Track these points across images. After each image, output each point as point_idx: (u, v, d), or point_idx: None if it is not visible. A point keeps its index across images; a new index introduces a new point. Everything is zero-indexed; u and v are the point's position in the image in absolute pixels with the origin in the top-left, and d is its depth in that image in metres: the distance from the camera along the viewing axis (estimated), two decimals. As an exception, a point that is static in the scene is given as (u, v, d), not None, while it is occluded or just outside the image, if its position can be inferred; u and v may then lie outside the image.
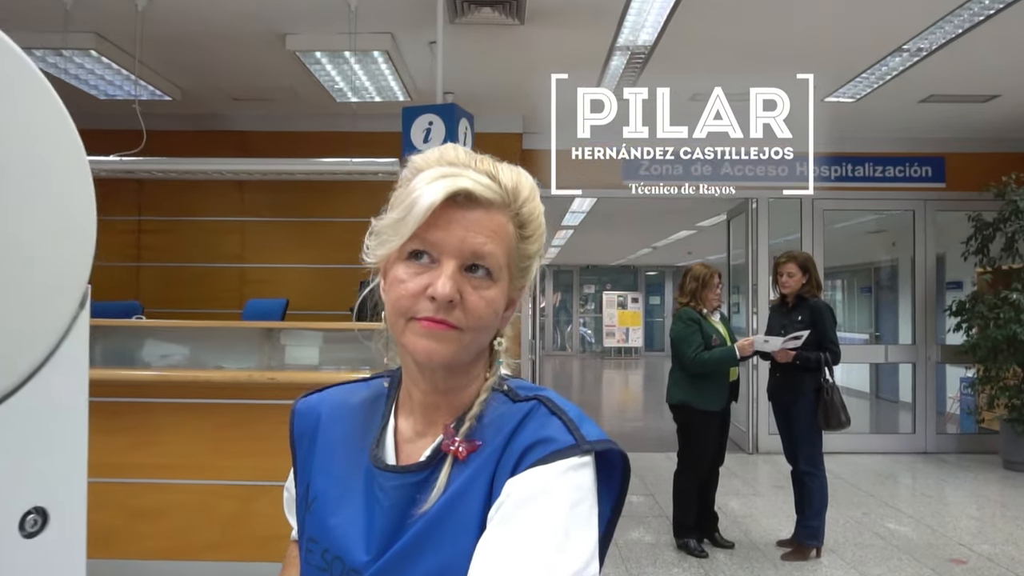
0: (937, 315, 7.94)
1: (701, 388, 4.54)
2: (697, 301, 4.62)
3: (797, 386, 4.54)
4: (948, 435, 7.98)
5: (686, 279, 4.70)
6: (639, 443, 8.44)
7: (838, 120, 7.22)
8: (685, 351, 4.52)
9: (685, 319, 4.56)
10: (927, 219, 7.90)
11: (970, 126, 7.42)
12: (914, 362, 7.89)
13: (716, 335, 4.57)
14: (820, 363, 4.47)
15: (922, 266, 7.93)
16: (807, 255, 4.67)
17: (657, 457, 7.37)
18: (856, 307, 13.96)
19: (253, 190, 7.27)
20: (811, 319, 4.54)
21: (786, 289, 4.66)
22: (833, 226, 11.40)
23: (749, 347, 4.45)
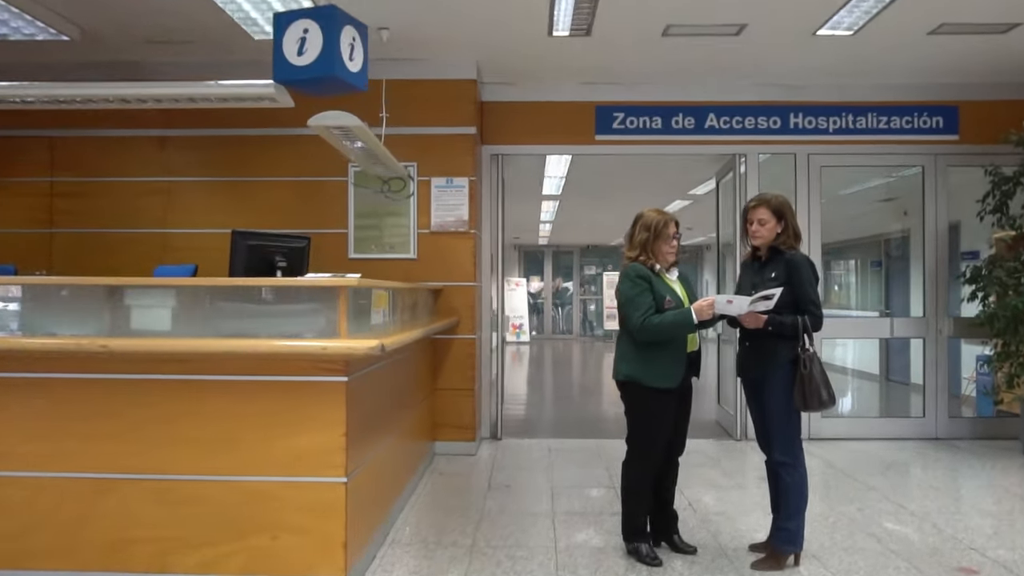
0: (950, 286, 7.06)
1: (652, 361, 3.72)
2: (648, 255, 3.80)
3: (769, 357, 3.72)
4: (962, 419, 7.12)
5: (635, 228, 3.87)
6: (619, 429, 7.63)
7: (835, 61, 6.34)
8: (631, 315, 3.70)
9: (632, 276, 3.74)
10: (938, 175, 7.00)
11: (987, 67, 6.51)
12: (924, 337, 7.01)
13: (671, 296, 3.74)
14: (797, 329, 3.64)
15: (932, 228, 7.03)
16: (782, 198, 3.83)
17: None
18: (868, 282, 13.04)
19: (177, 147, 6.49)
20: (787, 275, 3.71)
21: (757, 240, 3.82)
22: (838, 193, 10.55)
23: (708, 309, 3.62)
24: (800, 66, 6.53)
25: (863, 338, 9.63)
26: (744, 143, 6.99)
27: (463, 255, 6.35)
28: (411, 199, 6.36)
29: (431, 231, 6.36)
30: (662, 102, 7.00)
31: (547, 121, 7.02)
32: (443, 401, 6.36)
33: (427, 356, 6.08)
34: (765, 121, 6.99)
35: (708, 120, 6.99)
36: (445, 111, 6.37)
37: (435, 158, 6.37)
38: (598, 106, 7.02)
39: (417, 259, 6.36)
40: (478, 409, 6.85)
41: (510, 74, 6.83)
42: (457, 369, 6.36)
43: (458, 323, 6.32)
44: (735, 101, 6.98)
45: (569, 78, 6.93)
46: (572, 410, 9.43)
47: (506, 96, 7.02)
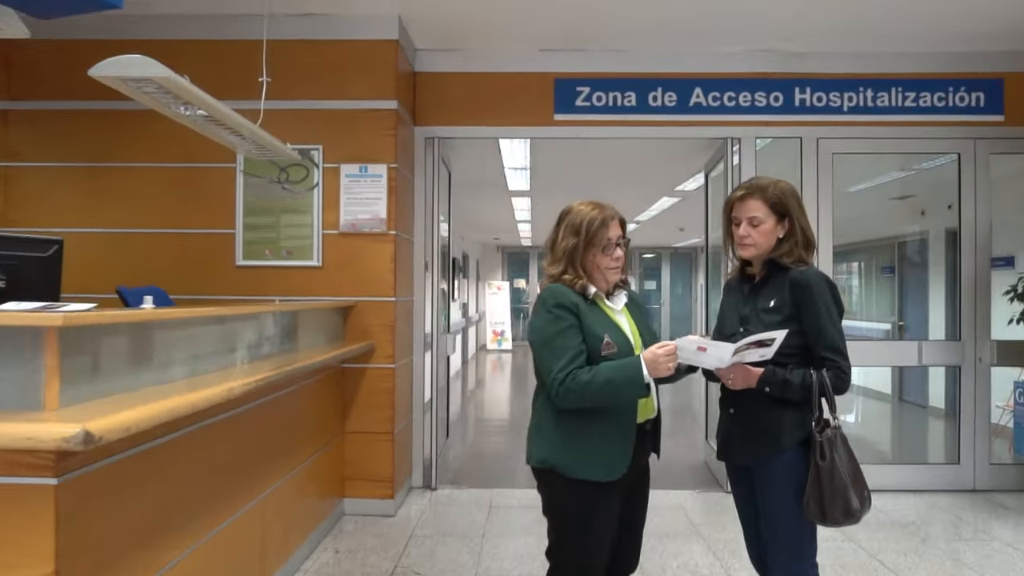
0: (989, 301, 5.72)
1: (583, 439, 2.37)
2: (577, 271, 2.44)
3: (766, 436, 2.38)
4: (1006, 466, 5.77)
5: (559, 230, 2.52)
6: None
7: (850, 21, 5.00)
8: (548, 367, 2.35)
9: (551, 306, 2.39)
10: (977, 165, 5.65)
11: None
12: (959, 365, 5.66)
13: (612, 335, 2.40)
14: (809, 391, 2.30)
15: (970, 231, 5.69)
16: (785, 185, 2.50)
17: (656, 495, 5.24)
18: (876, 291, 11.68)
19: (20, 122, 5.13)
20: (793, 305, 2.37)
21: (747, 249, 2.49)
22: (845, 190, 9.19)
23: (667, 359, 2.26)
24: (807, 28, 5.17)
25: (881, 366, 8.27)
26: (738, 124, 5.64)
27: (380, 262, 5.00)
28: (315, 191, 5.01)
29: (340, 232, 5.01)
30: (637, 73, 5.65)
31: (496, 97, 5.67)
32: (354, 448, 5.01)
33: (330, 391, 4.74)
34: (764, 98, 5.64)
35: (694, 96, 5.63)
36: (358, 80, 5.02)
37: (346, 139, 5.02)
38: (558, 78, 5.67)
39: (322, 267, 5.01)
40: (408, 454, 5.51)
41: (449, 38, 5.49)
42: (371, 407, 5.01)
43: (373, 349, 4.97)
44: (727, 73, 5.63)
45: (523, 43, 5.59)
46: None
47: (445, 66, 5.67)
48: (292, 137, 4.84)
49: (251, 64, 4.45)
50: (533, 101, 5.68)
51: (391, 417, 5.00)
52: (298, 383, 4.04)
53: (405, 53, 5.32)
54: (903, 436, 8.90)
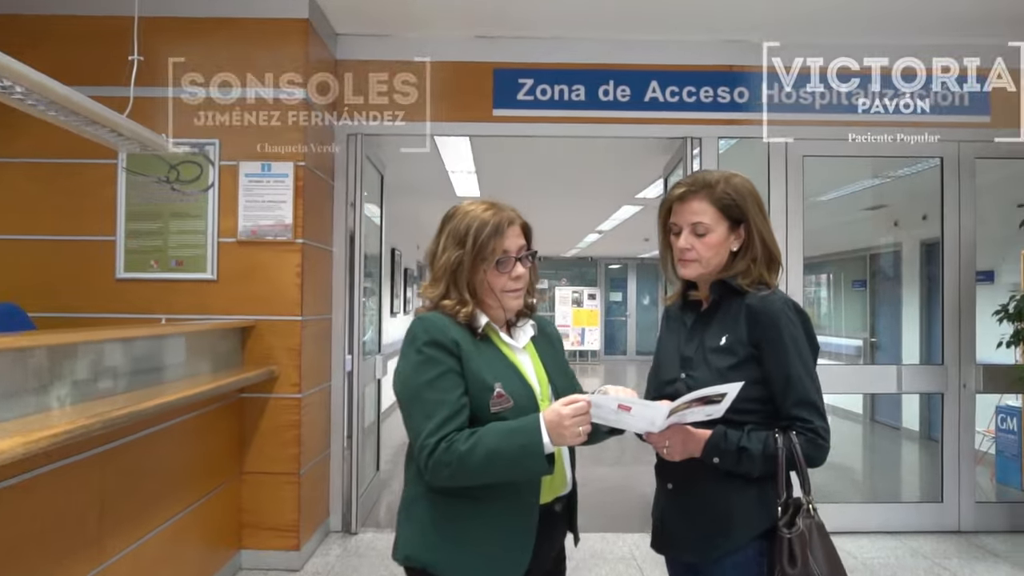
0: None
1: (463, 529, 1.72)
2: (462, 293, 1.79)
3: (717, 527, 1.74)
4: (994, 505, 5.21)
5: (441, 238, 1.86)
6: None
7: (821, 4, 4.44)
8: (416, 428, 1.69)
9: (421, 343, 1.73)
10: (961, 171, 5.11)
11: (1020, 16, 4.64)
12: (942, 392, 5.09)
13: (509, 383, 1.74)
14: (774, 464, 1.67)
15: (954, 243, 5.12)
16: (739, 183, 1.86)
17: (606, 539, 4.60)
18: (845, 306, 11.18)
19: None
20: (752, 343, 1.73)
21: (689, 266, 1.86)
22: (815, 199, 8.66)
23: (576, 421, 1.60)
24: (777, 13, 4.59)
25: (856, 393, 7.71)
26: (699, 122, 5.04)
27: (285, 276, 4.31)
28: (209, 192, 4.31)
29: (238, 240, 4.32)
30: (586, 64, 5.03)
31: (431, 89, 5.01)
32: (254, 491, 4.29)
33: (224, 426, 4.04)
34: (728, 93, 5.04)
35: (650, 90, 5.02)
36: (261, 65, 4.33)
37: (246, 134, 4.33)
38: (498, 69, 5.03)
39: (217, 280, 4.31)
40: (324, 495, 4.83)
41: (375, 22, 4.85)
42: (274, 443, 4.30)
43: (275, 376, 4.27)
44: (687, 65, 5.03)
45: (458, 28, 4.95)
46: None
47: (372, 53, 5.00)
48: (182, 131, 4.17)
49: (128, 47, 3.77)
50: (470, 94, 5.04)
51: (296, 455, 4.30)
52: (172, 419, 3.34)
53: (322, 37, 4.65)
54: (878, 466, 8.35)
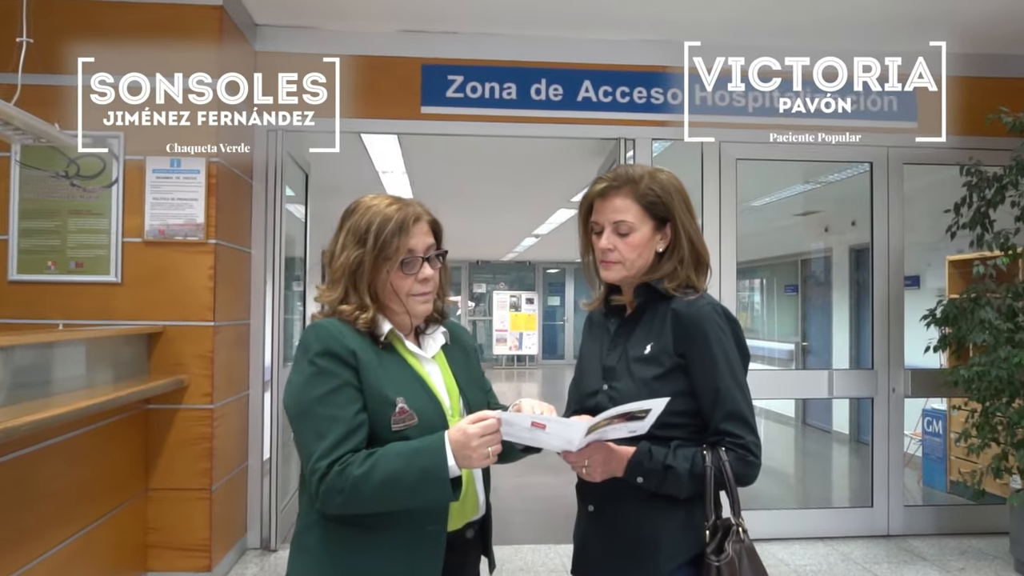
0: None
1: (359, 560, 1.53)
2: (362, 298, 1.61)
3: (641, 552, 1.60)
4: (922, 508, 5.23)
5: (340, 236, 1.67)
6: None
7: (751, 7, 4.38)
8: (307, 449, 1.50)
9: (314, 354, 1.54)
10: (890, 176, 5.13)
11: (946, 30, 4.65)
12: (872, 396, 5.09)
13: (412, 397, 1.57)
14: (700, 483, 1.53)
15: (883, 248, 5.14)
16: (666, 178, 1.74)
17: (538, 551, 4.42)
18: (778, 310, 11.31)
19: None
20: (678, 352, 1.60)
21: (611, 269, 1.72)
22: (748, 204, 8.71)
23: (484, 442, 1.44)
24: (695, 12, 4.52)
25: (788, 398, 7.74)
26: (633, 123, 4.94)
27: (196, 278, 4.04)
28: (113, 189, 4.02)
29: (145, 240, 4.03)
30: (518, 62, 4.89)
31: (355, 86, 4.79)
32: (160, 509, 4.01)
33: (127, 439, 3.75)
34: (661, 94, 4.95)
35: (583, 89, 4.90)
36: (170, 54, 4.04)
37: (154, 127, 4.04)
38: (426, 65, 4.85)
39: (122, 283, 4.01)
40: (241, 511, 4.56)
41: (297, 13, 4.62)
42: (183, 458, 4.02)
43: (185, 385, 4.00)
44: (621, 65, 4.93)
45: (384, 22, 4.76)
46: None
47: (294, 46, 4.76)
48: (84, 122, 3.86)
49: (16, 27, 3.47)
50: (397, 91, 4.84)
51: (208, 469, 4.04)
52: (65, 434, 3.06)
53: (239, 27, 4.41)
54: (809, 470, 8.42)
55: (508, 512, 5.74)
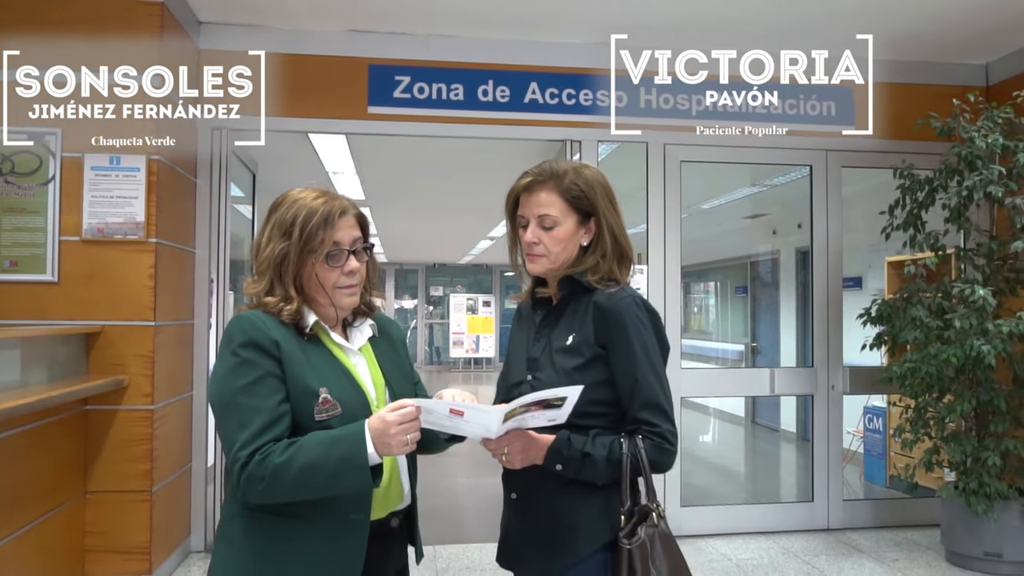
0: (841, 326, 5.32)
1: (281, 551, 1.54)
2: (287, 290, 1.62)
3: (561, 539, 1.64)
4: (860, 502, 5.36)
5: (266, 230, 1.68)
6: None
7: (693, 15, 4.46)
8: (229, 437, 1.51)
9: (237, 345, 1.55)
10: (829, 178, 5.27)
11: (883, 38, 4.79)
12: (812, 393, 5.22)
13: (336, 388, 1.59)
14: (617, 470, 1.57)
15: (822, 249, 5.28)
16: (588, 174, 1.79)
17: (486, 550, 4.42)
18: (730, 312, 11.50)
19: None
20: (598, 343, 1.64)
21: (537, 262, 1.76)
22: (698, 207, 8.86)
23: (402, 429, 1.46)
24: (639, 14, 4.59)
25: (731, 396, 7.89)
26: (578, 125, 5.01)
27: (135, 277, 3.99)
28: (50, 186, 3.95)
29: (83, 239, 3.97)
30: (465, 63, 4.92)
31: (301, 84, 4.79)
32: (99, 512, 3.94)
33: (62, 441, 3.68)
34: (607, 97, 5.01)
35: (530, 91, 4.95)
36: (110, 50, 3.99)
37: (93, 123, 3.96)
38: (373, 65, 4.85)
39: (59, 282, 3.94)
40: (184, 513, 4.51)
41: (242, 11, 4.59)
42: (122, 459, 3.96)
43: (125, 385, 3.94)
44: (567, 67, 4.99)
45: (331, 22, 4.75)
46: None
47: (239, 44, 4.70)
48: (17, 119, 3.80)
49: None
50: (344, 90, 4.84)
51: (148, 471, 3.98)
52: None
53: (181, 24, 4.36)
54: (755, 467, 8.58)
55: (461, 511, 5.76)
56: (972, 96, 4.60)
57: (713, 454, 9.06)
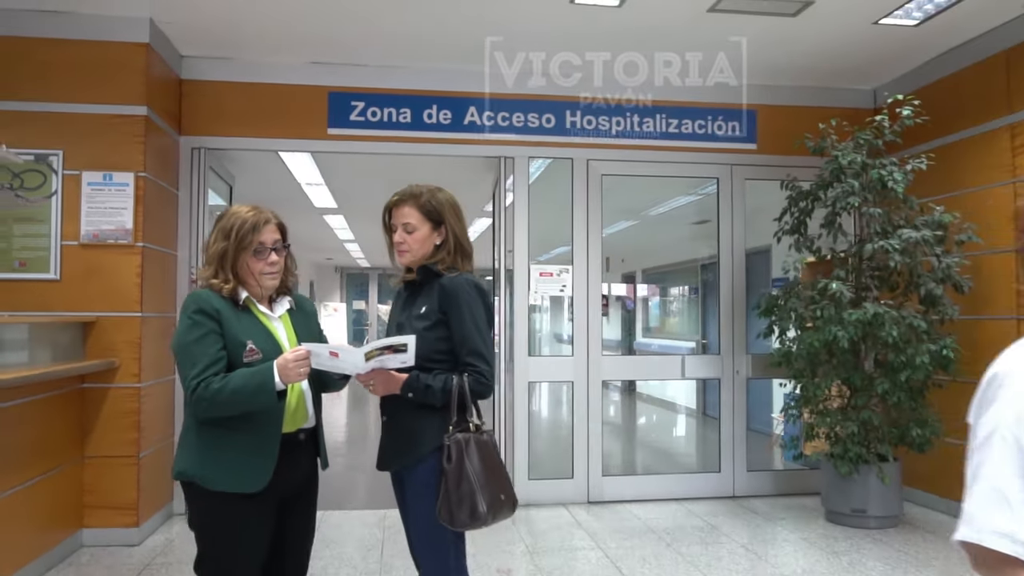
0: (749, 316, 6.07)
1: (220, 450, 2.28)
2: (228, 275, 2.37)
3: (411, 443, 2.38)
4: (762, 472, 6.11)
5: (213, 233, 2.44)
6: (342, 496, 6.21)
7: (608, 39, 5.19)
8: (183, 373, 2.26)
9: (190, 311, 2.30)
10: (734, 190, 6.03)
11: (782, 63, 5.58)
12: (719, 377, 5.98)
13: (258, 342, 2.33)
14: (449, 395, 2.32)
15: (728, 252, 6.05)
16: (441, 195, 2.53)
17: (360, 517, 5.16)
18: (686, 311, 12.27)
19: None
20: (441, 311, 2.39)
21: (403, 255, 2.50)
22: (649, 213, 9.64)
23: (299, 365, 2.22)
24: (567, 48, 5.33)
25: (649, 379, 8.66)
26: (511, 143, 5.77)
27: (125, 275, 4.72)
28: (53, 199, 4.69)
29: (81, 243, 4.71)
30: (413, 90, 5.67)
31: (270, 109, 5.55)
32: (95, 473, 4.67)
33: (63, 413, 4.41)
34: (537, 119, 5.79)
35: (468, 114, 5.71)
36: (104, 84, 4.74)
37: (89, 146, 4.73)
38: (332, 92, 5.61)
39: (60, 280, 4.68)
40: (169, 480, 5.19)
41: (218, 46, 5.33)
42: (114, 429, 4.70)
43: (116, 367, 4.68)
44: (502, 94, 5.73)
45: (295, 54, 5.49)
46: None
47: (216, 75, 5.49)
48: (28, 141, 4.55)
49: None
50: (307, 114, 5.59)
51: (136, 439, 4.71)
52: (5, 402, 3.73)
53: (164, 59, 5.10)
54: (678, 445, 9.33)
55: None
56: (837, 121, 5.29)
57: (645, 434, 9.81)
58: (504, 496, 2.30)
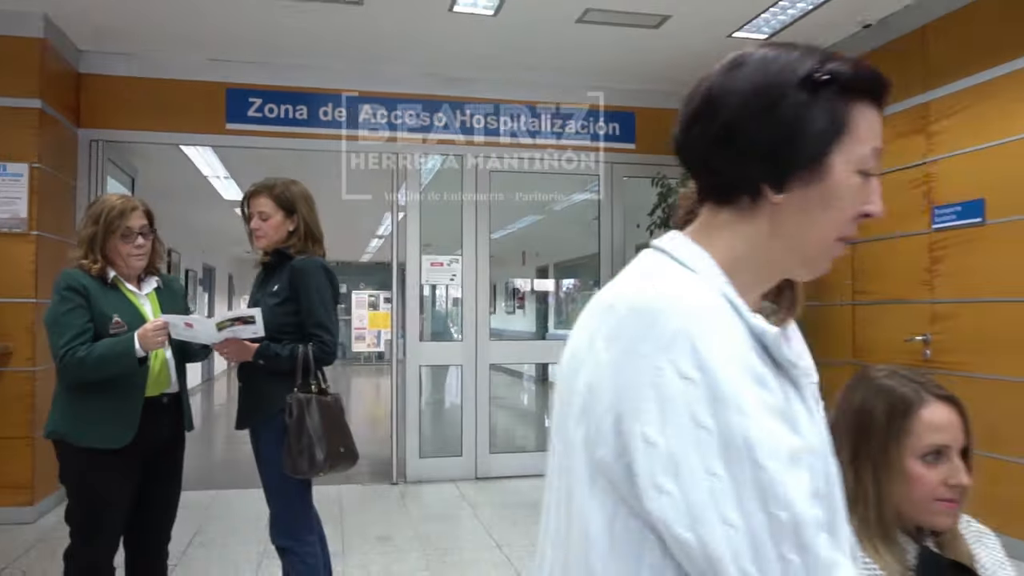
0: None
1: (87, 410, 2.58)
2: (97, 256, 2.65)
3: (261, 403, 2.73)
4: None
5: (85, 219, 2.73)
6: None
7: (487, 47, 5.57)
8: (53, 343, 2.55)
9: (61, 288, 2.59)
10: (614, 187, 6.50)
11: (653, 72, 6.06)
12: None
13: (124, 315, 2.62)
14: (295, 362, 2.66)
15: (608, 245, 6.51)
16: (294, 187, 2.87)
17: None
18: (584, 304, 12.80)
19: None
20: (292, 289, 2.72)
21: (260, 240, 2.83)
22: (554, 208, 10.06)
23: (157, 334, 2.54)
24: (451, 52, 5.70)
25: (534, 362, 9.14)
26: (403, 140, 6.10)
27: (20, 263, 4.89)
28: (-55, 188, 4.82)
29: (-28, 232, 4.86)
30: (309, 88, 5.96)
31: (169, 103, 5.75)
32: (-12, 454, 4.84)
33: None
34: (428, 117, 6.14)
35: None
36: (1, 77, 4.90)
37: (-17, 137, 4.88)
38: (230, 88, 5.85)
39: (-49, 268, 4.83)
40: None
41: (117, 42, 5.50)
42: (10, 411, 4.86)
43: (10, 351, 4.84)
44: (395, 93, 6.07)
45: (193, 50, 5.70)
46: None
47: (115, 69, 5.66)
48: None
49: None
50: (206, 109, 5.81)
51: (30, 420, 4.88)
52: None
53: (61, 53, 5.26)
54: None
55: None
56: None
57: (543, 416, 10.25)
58: (344, 449, 2.66)
